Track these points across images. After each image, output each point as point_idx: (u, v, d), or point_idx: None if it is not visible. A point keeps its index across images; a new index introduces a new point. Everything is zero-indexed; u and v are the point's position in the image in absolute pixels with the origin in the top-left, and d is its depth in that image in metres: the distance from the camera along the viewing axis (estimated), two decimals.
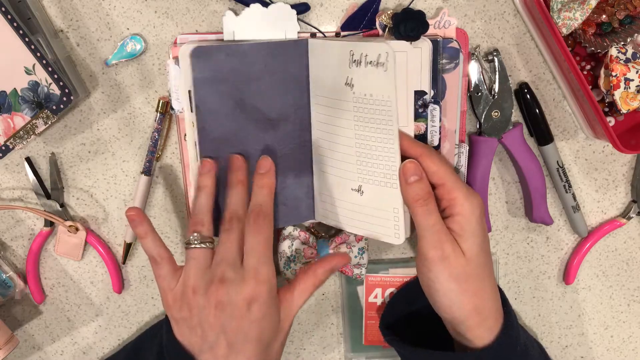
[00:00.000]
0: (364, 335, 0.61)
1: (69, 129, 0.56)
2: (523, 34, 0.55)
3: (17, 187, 0.58)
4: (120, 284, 0.60)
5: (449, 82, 0.52)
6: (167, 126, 0.55)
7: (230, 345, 0.45)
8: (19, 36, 0.49)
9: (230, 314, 0.45)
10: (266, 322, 0.46)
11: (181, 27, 0.54)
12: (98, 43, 0.54)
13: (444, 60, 0.51)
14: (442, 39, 0.51)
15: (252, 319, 0.45)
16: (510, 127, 0.55)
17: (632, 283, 0.63)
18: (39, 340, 0.62)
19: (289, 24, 0.51)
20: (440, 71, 0.51)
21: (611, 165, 0.59)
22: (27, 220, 0.59)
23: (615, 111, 0.55)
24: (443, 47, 0.51)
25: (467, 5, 0.54)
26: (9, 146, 0.53)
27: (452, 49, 0.51)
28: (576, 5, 0.49)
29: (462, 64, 0.52)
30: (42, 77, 0.50)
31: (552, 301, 0.63)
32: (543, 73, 0.56)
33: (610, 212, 0.60)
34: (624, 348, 0.64)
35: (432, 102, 0.50)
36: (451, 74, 0.52)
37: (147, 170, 0.56)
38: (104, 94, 0.55)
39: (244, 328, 0.45)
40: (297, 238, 0.56)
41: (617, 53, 0.51)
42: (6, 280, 0.59)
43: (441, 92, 0.52)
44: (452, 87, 0.52)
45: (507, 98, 0.54)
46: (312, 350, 0.63)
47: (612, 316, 0.63)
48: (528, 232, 0.60)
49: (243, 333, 0.45)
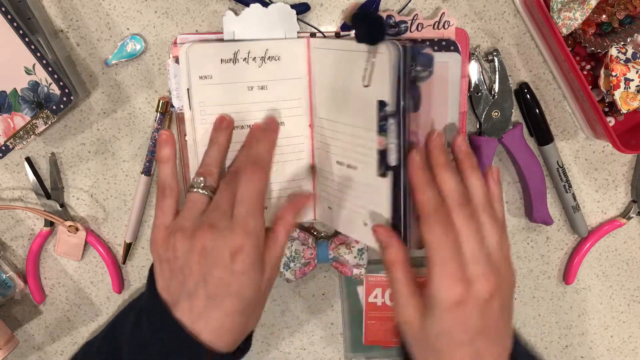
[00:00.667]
0: (364, 335, 0.61)
1: (69, 129, 0.56)
2: (523, 34, 0.55)
3: (17, 187, 0.58)
4: (120, 284, 0.60)
5: (425, 91, 0.48)
6: (167, 126, 0.55)
7: (209, 297, 0.43)
8: (19, 36, 0.49)
9: (213, 262, 0.43)
10: (249, 277, 0.43)
11: (181, 27, 0.54)
12: (98, 43, 0.54)
13: (418, 68, 0.47)
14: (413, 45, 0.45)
15: (235, 270, 0.43)
16: (510, 127, 0.55)
17: (632, 283, 0.63)
18: (39, 340, 0.62)
19: (289, 24, 0.51)
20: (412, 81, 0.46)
21: (611, 165, 0.59)
22: (27, 220, 0.59)
23: (615, 111, 0.55)
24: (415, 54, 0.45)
25: (467, 5, 0.54)
26: (9, 146, 0.53)
27: (425, 56, 0.47)
28: (576, 5, 0.49)
29: (458, 67, 0.51)
30: (42, 77, 0.50)
31: (552, 301, 0.63)
32: (543, 73, 0.56)
33: (610, 212, 0.60)
34: (624, 348, 0.64)
35: (392, 115, 0.45)
36: (427, 82, 0.48)
37: (147, 170, 0.56)
38: (104, 94, 0.55)
39: (225, 279, 0.42)
40: (296, 239, 0.56)
41: (617, 53, 0.51)
42: (6, 280, 0.59)
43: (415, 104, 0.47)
44: (429, 97, 0.49)
45: (507, 98, 0.54)
46: (312, 350, 0.63)
47: (612, 316, 0.63)
48: (528, 232, 0.60)
49: (224, 285, 0.42)
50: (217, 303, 0.43)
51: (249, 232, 0.43)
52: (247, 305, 0.44)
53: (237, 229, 0.43)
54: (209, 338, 0.43)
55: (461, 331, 0.42)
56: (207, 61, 0.49)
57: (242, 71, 0.51)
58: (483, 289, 0.41)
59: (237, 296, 0.43)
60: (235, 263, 0.43)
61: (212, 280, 0.43)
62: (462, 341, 0.42)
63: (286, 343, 0.62)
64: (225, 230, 0.43)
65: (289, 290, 0.61)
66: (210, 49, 0.50)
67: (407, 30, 0.52)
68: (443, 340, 0.42)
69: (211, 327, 0.43)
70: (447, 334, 0.42)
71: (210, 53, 0.49)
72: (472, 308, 0.41)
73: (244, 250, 0.43)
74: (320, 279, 0.61)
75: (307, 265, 0.56)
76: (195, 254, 0.43)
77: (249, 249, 0.43)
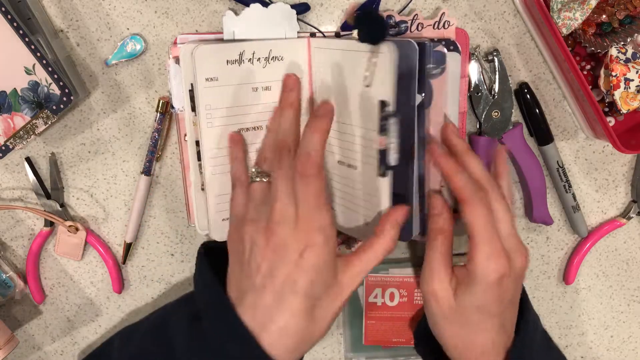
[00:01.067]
0: (364, 335, 0.61)
1: (69, 129, 0.56)
2: (523, 34, 0.55)
3: (17, 187, 0.58)
4: (120, 284, 0.60)
5: (437, 87, 0.50)
6: (167, 126, 0.55)
7: (276, 294, 0.41)
8: (19, 36, 0.49)
9: (281, 258, 0.42)
10: (318, 274, 0.42)
11: (181, 27, 0.54)
12: (98, 43, 0.54)
13: (429, 66, 0.49)
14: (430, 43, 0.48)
15: (304, 267, 0.41)
16: (510, 127, 0.55)
17: (632, 283, 0.63)
18: (39, 340, 0.62)
19: (289, 24, 0.51)
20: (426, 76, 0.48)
21: (611, 165, 0.59)
22: (27, 220, 0.59)
23: (615, 111, 0.55)
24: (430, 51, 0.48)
25: (467, 5, 0.54)
26: (9, 146, 0.53)
27: (438, 53, 0.50)
28: (576, 5, 0.49)
29: (457, 68, 0.51)
30: (42, 77, 0.50)
31: (552, 301, 0.63)
32: (543, 73, 0.56)
33: (610, 212, 0.60)
34: (624, 348, 0.64)
35: (392, 115, 0.46)
36: (438, 79, 0.50)
37: (147, 170, 0.56)
38: (104, 94, 0.55)
39: (293, 276, 0.41)
40: None
41: (617, 53, 0.51)
42: (6, 280, 0.59)
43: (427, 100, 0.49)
44: (440, 93, 0.50)
45: (507, 98, 0.54)
46: (312, 350, 0.62)
47: (612, 316, 0.63)
48: (528, 232, 0.60)
49: (291, 281, 0.41)
50: (284, 300, 0.41)
51: (316, 228, 0.42)
52: (315, 304, 0.42)
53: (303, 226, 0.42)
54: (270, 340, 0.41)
55: (497, 304, 0.45)
56: (214, 62, 0.49)
57: (247, 72, 0.50)
58: (520, 263, 0.45)
59: (305, 294, 0.42)
60: (304, 259, 0.41)
61: (280, 276, 0.42)
62: (496, 312, 0.45)
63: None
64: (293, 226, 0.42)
65: None
66: (216, 50, 0.49)
67: (407, 30, 0.52)
68: (479, 313, 0.45)
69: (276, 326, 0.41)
70: (485, 307, 0.45)
71: (217, 54, 0.49)
72: (510, 282, 0.45)
73: (313, 246, 0.42)
74: None
75: None
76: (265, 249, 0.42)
77: (318, 245, 0.42)
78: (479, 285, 0.44)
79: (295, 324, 0.42)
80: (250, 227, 0.44)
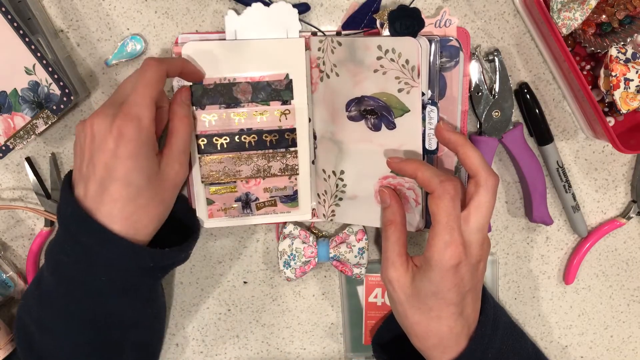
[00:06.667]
0: (364, 335, 0.61)
1: (69, 129, 0.56)
2: (523, 34, 0.55)
3: (17, 187, 0.58)
4: None
5: (449, 80, 0.52)
6: None
7: (99, 181, 0.44)
8: (19, 36, 0.49)
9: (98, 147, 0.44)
10: (134, 163, 0.44)
11: (181, 27, 0.54)
12: (98, 43, 0.54)
13: (443, 59, 0.51)
14: (441, 38, 0.51)
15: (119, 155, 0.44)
16: (511, 127, 0.55)
17: (632, 283, 0.63)
18: None
19: (291, 23, 0.51)
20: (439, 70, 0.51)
21: (611, 165, 0.59)
22: (27, 220, 0.59)
23: (615, 111, 0.55)
24: (443, 46, 0.51)
25: (467, 5, 0.54)
26: (9, 146, 0.53)
27: (452, 47, 0.51)
28: (576, 5, 0.49)
29: (462, 63, 0.52)
30: (42, 77, 0.50)
31: (552, 301, 0.63)
32: (543, 73, 0.56)
33: (610, 212, 0.61)
34: (624, 348, 0.64)
35: (430, 103, 0.50)
36: (451, 72, 0.52)
37: None
38: (104, 94, 0.55)
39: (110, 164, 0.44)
40: (297, 237, 0.56)
41: (617, 53, 0.51)
42: (6, 280, 0.59)
43: (441, 91, 0.52)
44: (453, 85, 0.52)
45: (507, 98, 0.54)
46: (312, 350, 0.63)
47: (612, 316, 0.63)
48: (528, 232, 0.61)
49: (108, 169, 0.44)
50: (106, 186, 0.44)
51: (131, 116, 0.44)
52: (137, 193, 0.45)
53: (120, 114, 0.44)
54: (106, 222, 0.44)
55: (454, 291, 0.46)
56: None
57: None
58: (477, 253, 0.46)
59: (124, 181, 0.44)
60: (118, 147, 0.43)
61: (99, 163, 0.44)
62: (453, 300, 0.46)
63: (286, 343, 0.62)
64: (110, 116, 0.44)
65: (289, 290, 0.61)
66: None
67: None
68: (435, 298, 0.46)
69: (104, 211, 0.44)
70: (441, 293, 0.46)
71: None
72: (466, 271, 0.46)
73: (126, 135, 0.43)
74: (321, 278, 0.61)
75: (308, 264, 0.57)
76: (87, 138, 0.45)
77: (131, 134, 0.44)
78: (435, 271, 0.45)
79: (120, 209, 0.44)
80: (80, 124, 0.46)
